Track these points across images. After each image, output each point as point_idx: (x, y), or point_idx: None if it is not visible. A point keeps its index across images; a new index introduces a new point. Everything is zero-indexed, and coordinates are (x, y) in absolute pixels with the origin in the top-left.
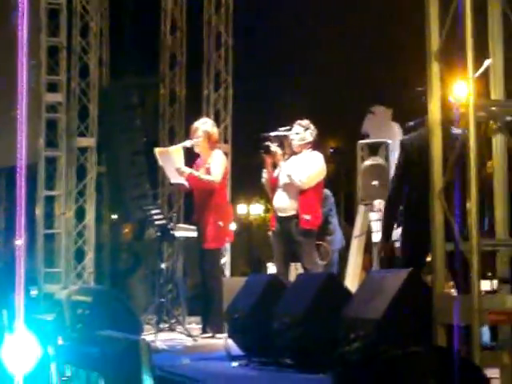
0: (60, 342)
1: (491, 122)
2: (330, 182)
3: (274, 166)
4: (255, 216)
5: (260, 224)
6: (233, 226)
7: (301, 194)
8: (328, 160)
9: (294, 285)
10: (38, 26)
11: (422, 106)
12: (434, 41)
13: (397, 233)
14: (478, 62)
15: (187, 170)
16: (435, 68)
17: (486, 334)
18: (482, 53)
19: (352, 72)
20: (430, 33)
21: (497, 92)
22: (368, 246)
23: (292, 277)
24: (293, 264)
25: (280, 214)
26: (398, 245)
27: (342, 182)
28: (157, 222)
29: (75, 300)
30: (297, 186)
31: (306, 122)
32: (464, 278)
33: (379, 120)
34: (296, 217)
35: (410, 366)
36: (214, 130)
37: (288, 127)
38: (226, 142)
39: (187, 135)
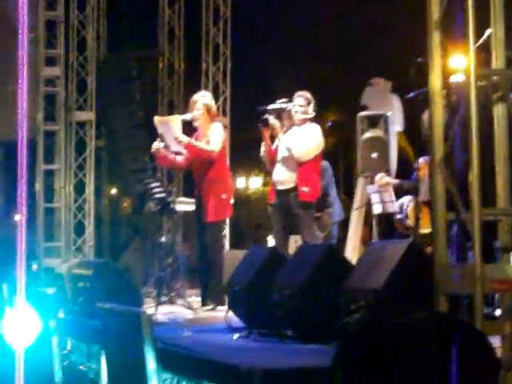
0: (61, 315)
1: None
2: (329, 154)
3: (273, 138)
4: (254, 189)
5: (259, 197)
6: (231, 200)
7: (299, 166)
8: (327, 133)
9: (295, 257)
10: (35, 0)
11: (422, 77)
12: (435, 10)
13: (394, 206)
14: (479, 30)
15: (185, 139)
16: (436, 37)
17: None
18: (483, 21)
19: (351, 44)
20: (430, 1)
21: (498, 61)
22: (367, 218)
23: (291, 249)
24: (292, 236)
25: (279, 187)
26: (398, 216)
27: (341, 155)
28: (156, 196)
29: (76, 273)
30: (296, 159)
31: (308, 95)
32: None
33: (379, 92)
34: (295, 189)
35: (412, 333)
36: (213, 103)
37: (285, 99)
38: (224, 114)
39: (186, 109)
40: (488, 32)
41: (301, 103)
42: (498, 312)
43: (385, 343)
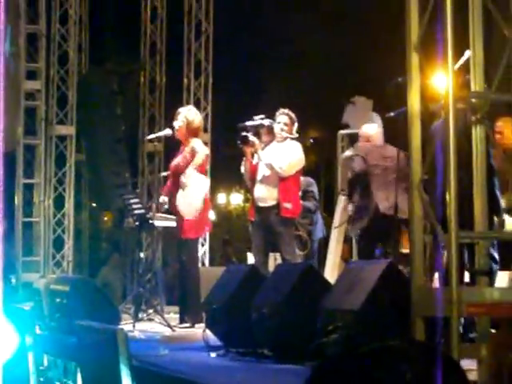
0: (38, 331)
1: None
2: (310, 172)
3: (252, 155)
4: (235, 206)
5: (239, 214)
6: (212, 216)
7: (281, 182)
8: (308, 150)
9: (273, 275)
10: (17, 13)
11: (401, 96)
12: (414, 31)
13: None
14: (459, 50)
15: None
16: (415, 59)
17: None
18: (462, 42)
19: (333, 62)
20: (409, 23)
21: (477, 83)
22: (347, 236)
23: (271, 267)
24: (272, 254)
25: (260, 204)
26: None
27: (322, 172)
28: (135, 212)
29: (53, 289)
30: (277, 174)
31: (293, 114)
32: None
33: (360, 110)
34: (276, 207)
35: (386, 359)
36: (196, 119)
37: (262, 116)
38: (205, 130)
39: (167, 123)
40: (467, 54)
41: (286, 122)
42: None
43: (358, 368)
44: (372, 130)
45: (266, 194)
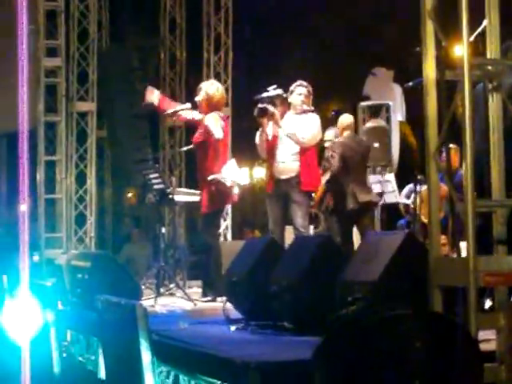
0: (60, 307)
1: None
2: None
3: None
4: (258, 179)
5: (263, 187)
6: (235, 189)
7: (301, 156)
8: (330, 122)
9: (292, 247)
10: None
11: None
12: None
13: (396, 196)
14: (476, 20)
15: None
16: (429, 27)
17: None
18: (479, 11)
19: (353, 33)
20: None
21: (493, 51)
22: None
23: (288, 240)
24: (288, 227)
25: (279, 177)
26: (405, 202)
27: None
28: (155, 187)
29: (74, 265)
30: (300, 144)
31: (310, 87)
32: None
33: (380, 82)
34: (296, 178)
35: (395, 328)
36: (216, 94)
37: (275, 86)
38: (226, 105)
39: (187, 98)
40: (485, 22)
41: (306, 93)
42: None
43: (367, 339)
44: (347, 120)
45: (285, 167)
